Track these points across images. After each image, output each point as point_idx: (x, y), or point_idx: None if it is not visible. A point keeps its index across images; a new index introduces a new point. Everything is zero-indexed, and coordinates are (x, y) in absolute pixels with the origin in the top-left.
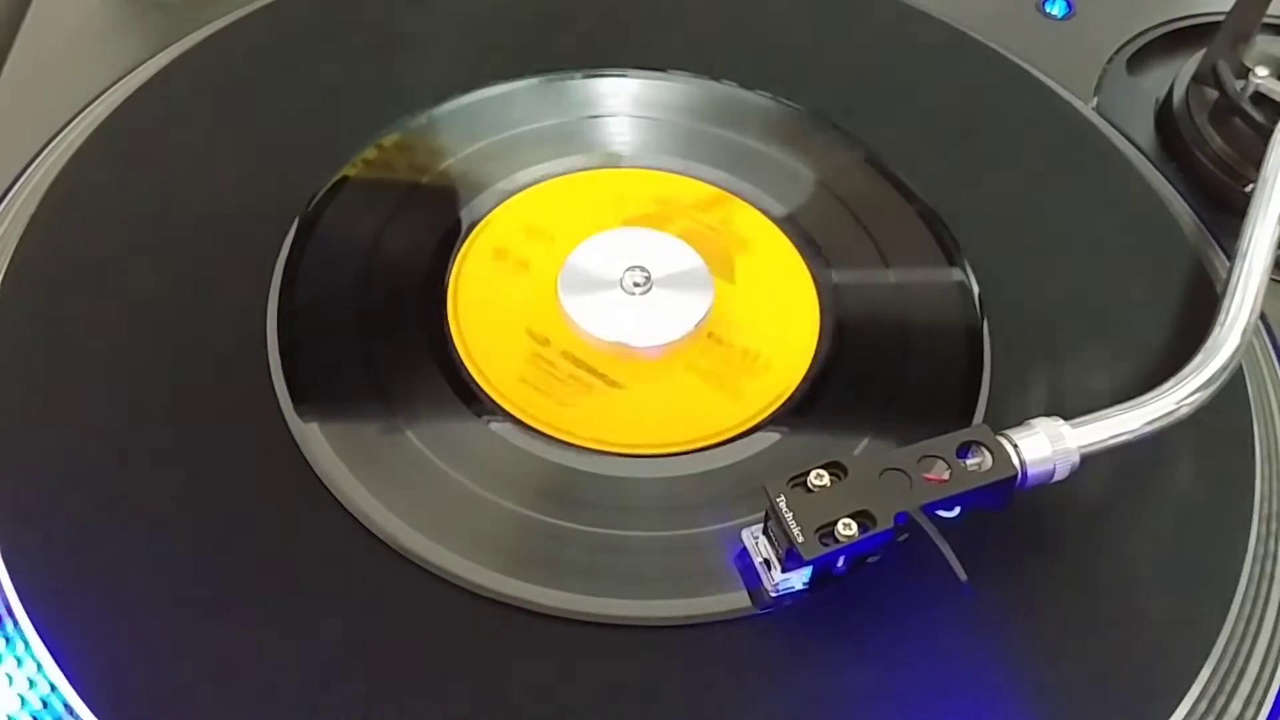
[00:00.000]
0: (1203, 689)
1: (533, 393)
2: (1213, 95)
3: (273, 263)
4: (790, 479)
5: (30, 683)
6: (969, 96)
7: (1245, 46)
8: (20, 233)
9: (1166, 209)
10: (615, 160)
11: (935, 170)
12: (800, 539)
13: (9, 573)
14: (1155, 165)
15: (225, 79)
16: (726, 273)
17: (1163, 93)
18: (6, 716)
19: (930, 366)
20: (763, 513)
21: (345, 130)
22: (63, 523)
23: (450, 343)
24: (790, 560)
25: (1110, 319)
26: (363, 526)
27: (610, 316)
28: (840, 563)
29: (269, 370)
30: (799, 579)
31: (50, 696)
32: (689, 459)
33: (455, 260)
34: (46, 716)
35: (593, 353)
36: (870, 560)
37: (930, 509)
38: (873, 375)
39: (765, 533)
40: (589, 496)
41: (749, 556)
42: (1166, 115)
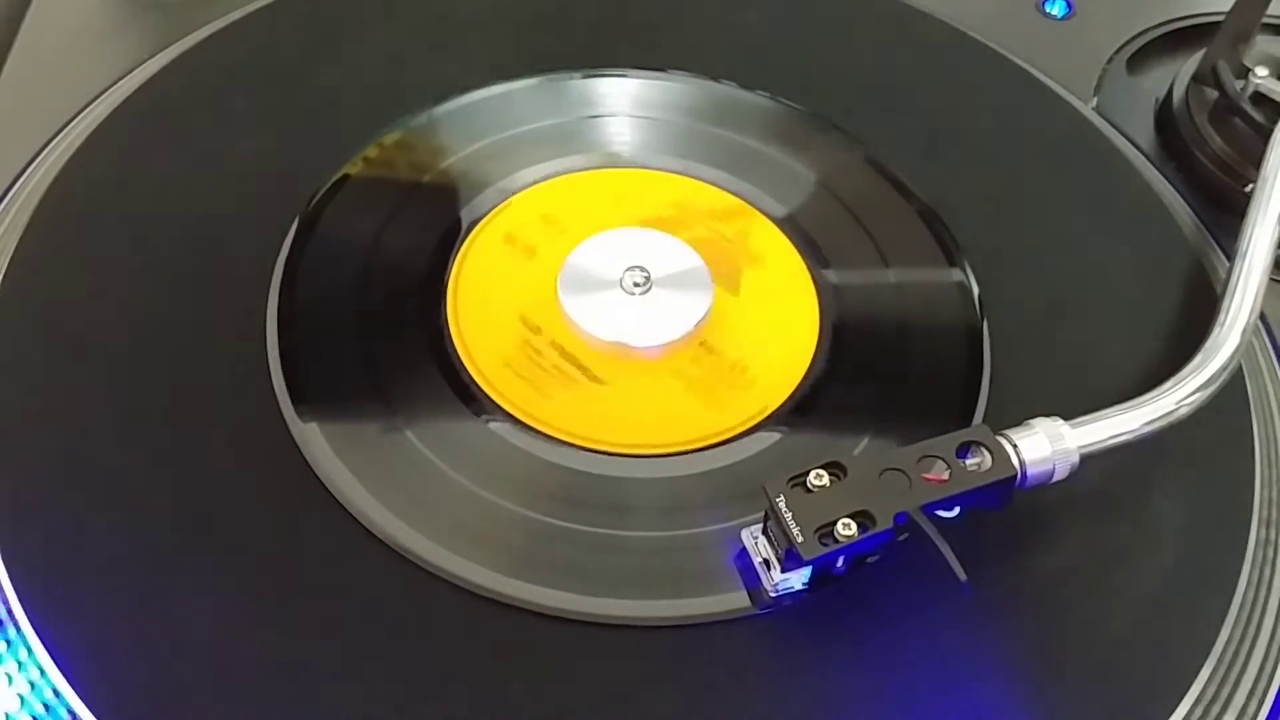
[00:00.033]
0: (1203, 689)
1: (515, 378)
2: (1213, 95)
3: (273, 262)
4: (790, 479)
5: (30, 683)
6: (969, 96)
7: (1245, 46)
8: (20, 232)
9: (1166, 209)
10: (615, 160)
11: (935, 170)
12: (800, 539)
13: (9, 573)
14: (1155, 165)
15: (225, 79)
16: (732, 284)
17: (1163, 93)
18: (6, 717)
19: (930, 366)
20: (762, 513)
21: (345, 130)
22: (63, 523)
23: (450, 343)
24: (790, 560)
25: (1110, 319)
26: (362, 527)
27: (609, 316)
28: (840, 563)
29: (269, 370)
30: (798, 579)
31: (49, 697)
32: (689, 459)
33: (455, 260)
34: (46, 717)
35: (581, 346)
36: (870, 560)
37: (930, 509)
38: (873, 375)
39: (765, 533)
40: (589, 496)
41: (748, 556)
42: (1166, 115)
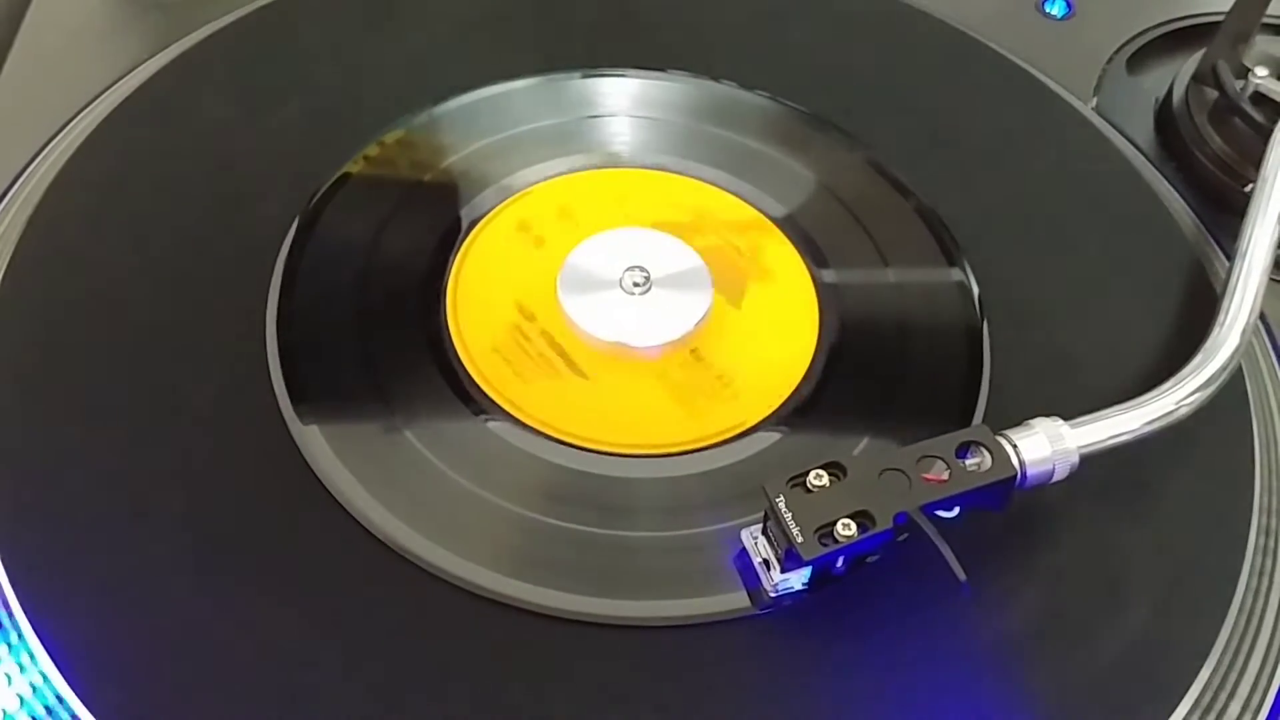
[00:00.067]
0: (1203, 689)
1: (500, 363)
2: (1212, 95)
3: (273, 262)
4: (789, 479)
5: (29, 684)
6: (969, 96)
7: (1245, 46)
8: (20, 232)
9: (1166, 209)
10: (616, 160)
11: (935, 170)
12: (799, 539)
13: (8, 573)
14: (1155, 165)
15: (225, 79)
16: (735, 296)
17: (1162, 93)
18: (5, 717)
19: (930, 366)
20: (762, 513)
21: (345, 130)
22: (62, 523)
23: (450, 343)
24: (789, 560)
25: (1110, 319)
26: (362, 527)
27: (609, 316)
28: (839, 563)
29: (269, 371)
30: (798, 579)
31: (49, 697)
32: (689, 459)
33: (455, 260)
34: (45, 718)
35: (572, 339)
36: (869, 560)
37: (929, 509)
38: (872, 375)
39: (764, 533)
40: (588, 497)
41: (748, 557)
42: (1166, 115)
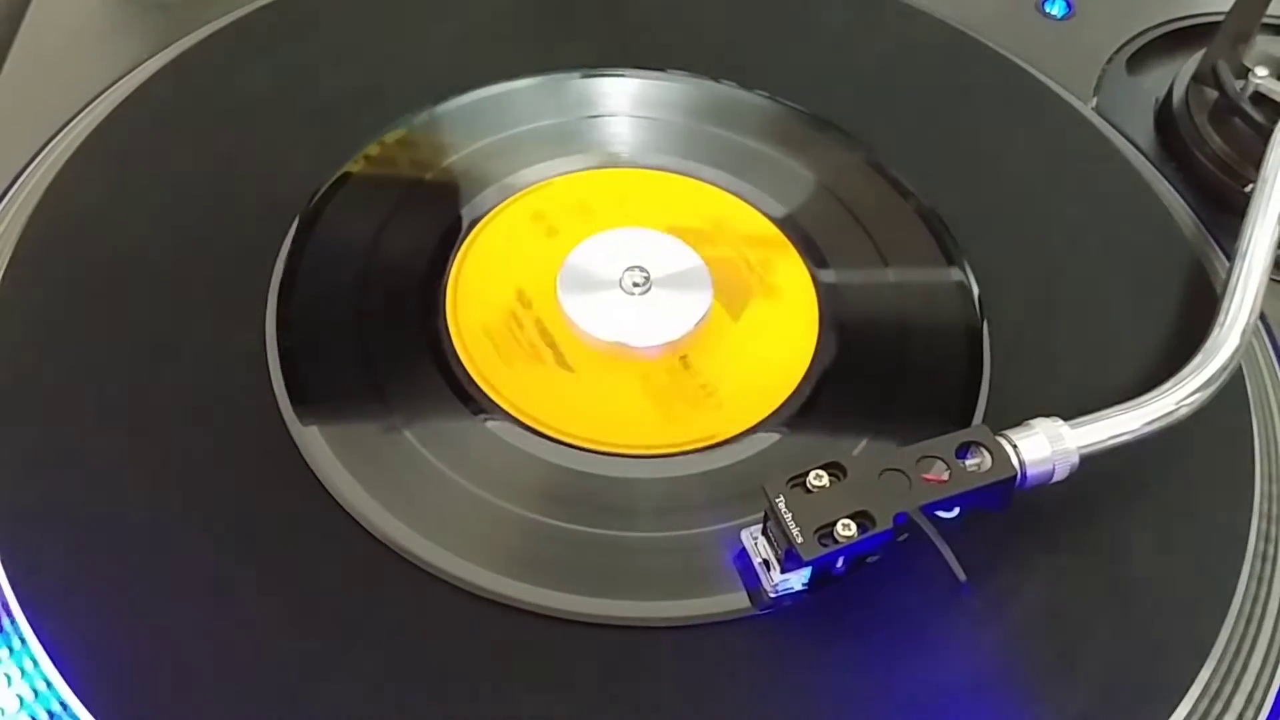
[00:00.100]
0: (1203, 689)
1: (487, 345)
2: (1212, 95)
3: (272, 262)
4: (789, 479)
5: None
6: (969, 96)
7: (1245, 46)
8: (20, 231)
9: (1166, 209)
10: (614, 160)
11: (935, 170)
12: (799, 540)
13: (8, 573)
14: (1155, 165)
15: (225, 79)
16: (736, 309)
17: (1162, 93)
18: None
19: (930, 366)
20: (762, 513)
21: (345, 129)
22: (62, 523)
23: (450, 344)
24: (789, 561)
25: (1110, 319)
26: (362, 528)
27: (609, 316)
28: (839, 563)
29: (268, 371)
30: (798, 579)
31: (49, 698)
32: (689, 459)
33: (455, 260)
34: (45, 718)
35: (563, 331)
36: (869, 561)
37: (929, 509)
38: (872, 375)
39: (764, 533)
40: (588, 497)
41: (748, 557)
42: (1166, 115)
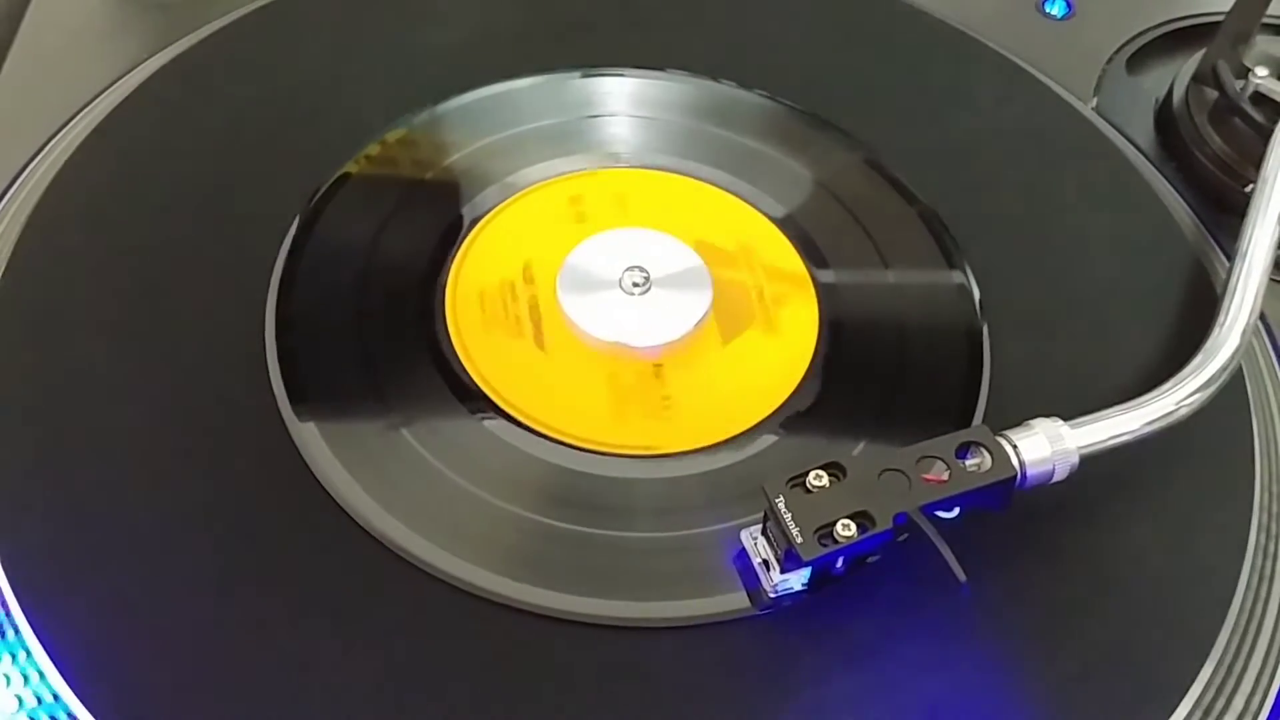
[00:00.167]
0: (1203, 689)
1: (475, 308)
2: (1212, 95)
3: (272, 261)
4: (789, 479)
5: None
6: (969, 96)
7: (1245, 46)
8: (19, 232)
9: (1166, 209)
10: (614, 160)
11: (935, 170)
12: (799, 540)
13: (8, 573)
14: (1155, 165)
15: (225, 78)
16: (729, 333)
17: (1162, 93)
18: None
19: (930, 366)
20: (761, 513)
21: (345, 129)
22: (62, 523)
23: (449, 343)
24: (789, 561)
25: (1110, 319)
26: (361, 528)
27: (609, 316)
28: (839, 563)
29: (267, 370)
30: (798, 580)
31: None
32: (689, 459)
33: (455, 260)
34: (44, 718)
35: (552, 313)
36: (869, 561)
37: (929, 510)
38: (872, 376)
39: (764, 533)
40: (588, 497)
41: (748, 557)
42: (1166, 115)
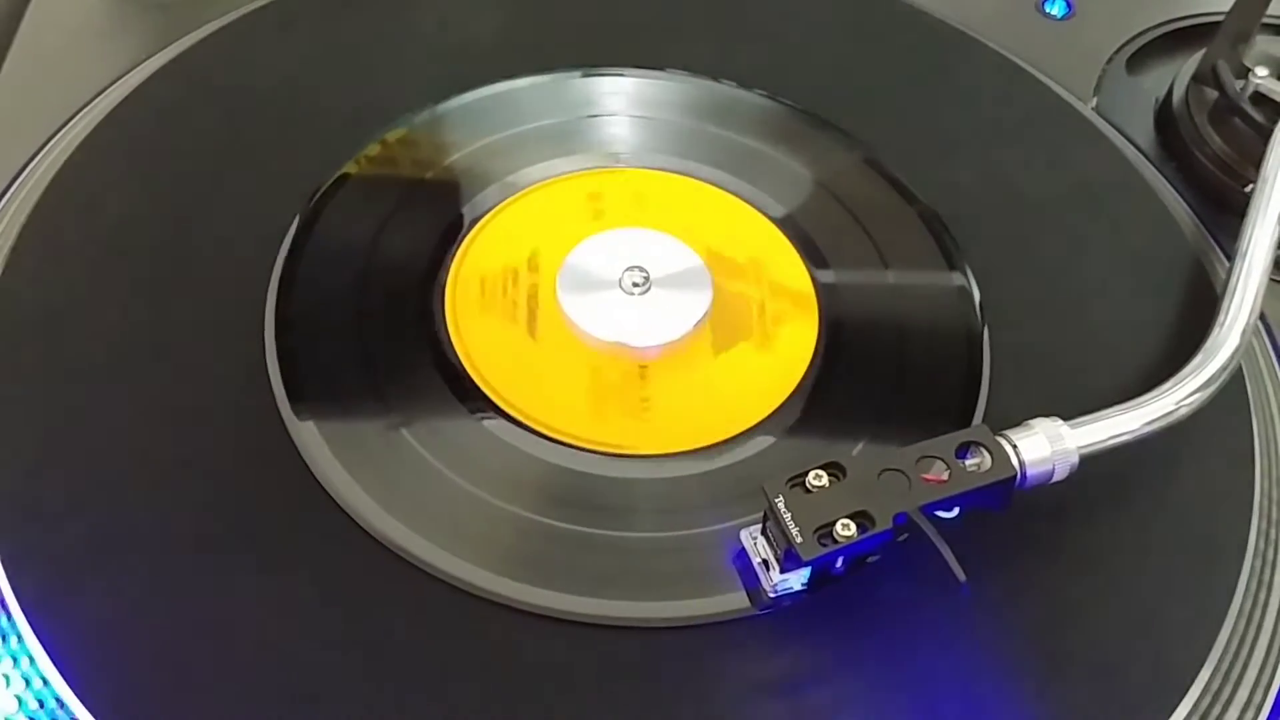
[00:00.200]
0: (1203, 689)
1: (475, 290)
2: (1212, 95)
3: (272, 261)
4: (789, 479)
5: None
6: (969, 96)
7: (1245, 46)
8: (18, 231)
9: (1166, 209)
10: (614, 160)
11: (935, 170)
12: (799, 540)
13: (8, 573)
14: (1155, 165)
15: (225, 78)
16: (722, 344)
17: (1162, 93)
18: (4, 718)
19: (930, 366)
20: (761, 513)
21: (345, 129)
22: (61, 523)
23: (449, 343)
24: (789, 561)
25: (1110, 319)
26: (360, 528)
27: (609, 316)
28: (839, 563)
29: (267, 370)
30: (797, 579)
31: (48, 698)
32: (689, 459)
33: (454, 259)
34: (44, 718)
35: (549, 303)
36: (869, 561)
37: (929, 509)
38: (872, 375)
39: (764, 533)
40: (587, 497)
41: (747, 557)
42: (1166, 115)
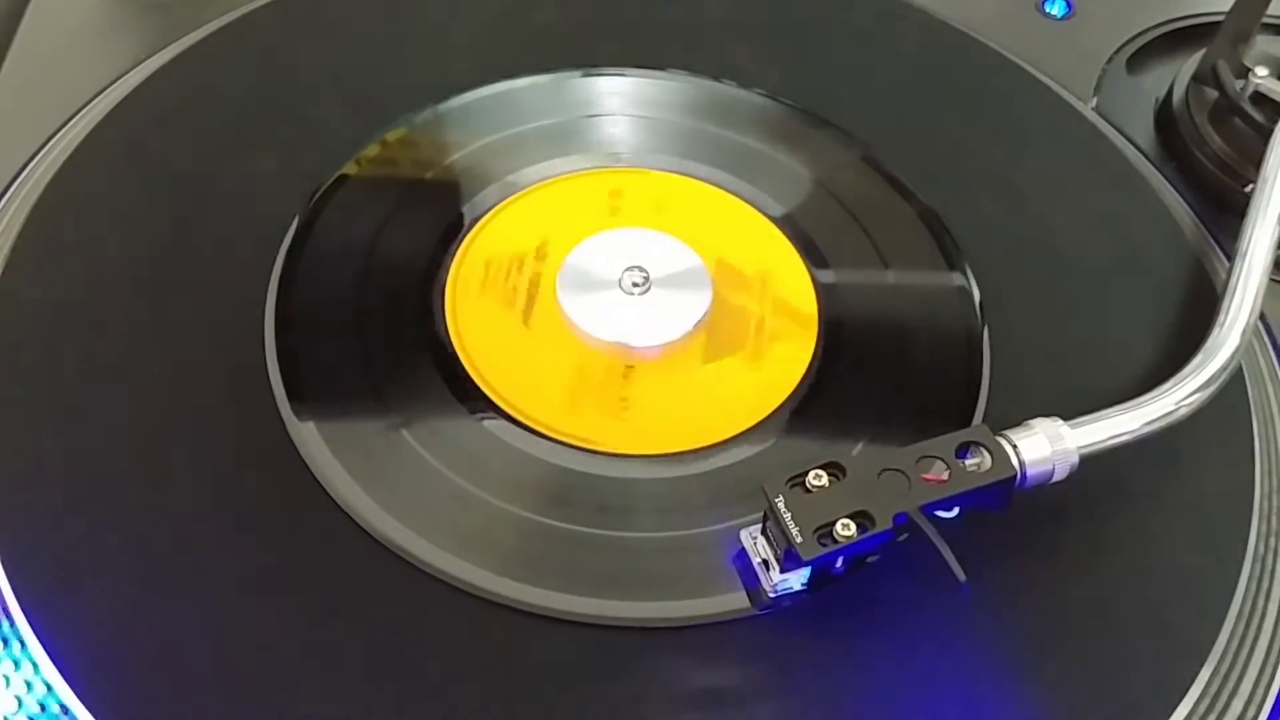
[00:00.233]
0: (1203, 689)
1: (479, 272)
2: (1212, 95)
3: (272, 261)
4: (789, 479)
5: (28, 684)
6: (969, 96)
7: (1245, 46)
8: (18, 231)
9: (1166, 209)
10: (613, 160)
11: (934, 170)
12: (799, 539)
13: (8, 573)
14: (1155, 165)
15: (225, 78)
16: (713, 354)
17: (1162, 93)
18: (4, 717)
19: (930, 366)
20: (761, 513)
21: (344, 129)
22: (62, 523)
23: (449, 343)
24: (789, 561)
25: (1110, 319)
26: (360, 527)
27: (609, 316)
28: (839, 563)
29: (267, 370)
30: (797, 579)
31: (47, 698)
32: (689, 459)
33: (454, 259)
34: (44, 718)
35: (549, 293)
36: (869, 561)
37: (929, 509)
38: (872, 376)
39: (764, 533)
40: (587, 497)
41: (747, 557)
42: (1166, 115)
